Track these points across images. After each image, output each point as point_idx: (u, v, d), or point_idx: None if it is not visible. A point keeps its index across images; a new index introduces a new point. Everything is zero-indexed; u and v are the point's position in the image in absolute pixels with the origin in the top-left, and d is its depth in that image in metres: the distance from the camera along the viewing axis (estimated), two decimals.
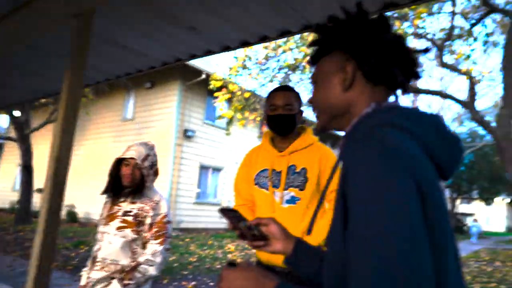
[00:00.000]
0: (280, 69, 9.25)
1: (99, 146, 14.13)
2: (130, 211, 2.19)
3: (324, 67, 0.85)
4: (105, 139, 14.08)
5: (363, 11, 0.82)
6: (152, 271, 2.13)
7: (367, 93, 0.80)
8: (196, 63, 11.61)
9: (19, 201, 12.80)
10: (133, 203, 2.22)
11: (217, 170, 13.79)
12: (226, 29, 2.46)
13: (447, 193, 26.51)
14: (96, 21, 2.14)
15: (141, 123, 13.06)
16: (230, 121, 10.36)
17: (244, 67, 9.07)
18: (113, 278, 2.12)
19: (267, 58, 9.03)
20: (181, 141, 12.27)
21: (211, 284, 6.41)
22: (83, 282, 2.25)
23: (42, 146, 15.31)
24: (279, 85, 2.12)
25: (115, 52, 2.92)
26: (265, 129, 2.15)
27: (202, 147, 13.08)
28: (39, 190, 14.92)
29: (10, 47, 2.71)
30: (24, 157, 12.34)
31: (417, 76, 0.81)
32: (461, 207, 32.69)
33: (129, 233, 2.15)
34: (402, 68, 0.79)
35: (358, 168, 0.63)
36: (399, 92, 0.82)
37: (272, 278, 0.74)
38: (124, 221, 2.17)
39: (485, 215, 31.22)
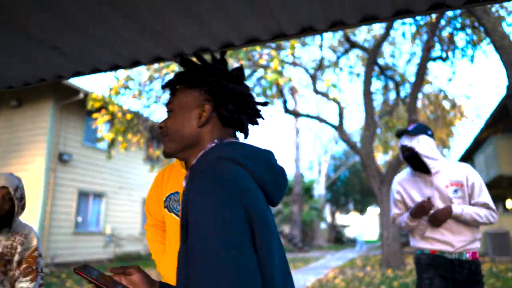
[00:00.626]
0: (164, 90, 9.14)
1: None
2: None
3: (184, 99, 0.92)
4: None
5: (225, 59, 0.95)
6: None
7: (217, 131, 0.92)
8: (72, 81, 10.78)
9: None
10: None
11: (98, 196, 12.82)
12: (96, 52, 2.37)
13: (327, 207, 29.02)
14: None
15: (6, 146, 11.51)
16: (111, 144, 9.80)
17: (126, 87, 8.74)
18: None
19: (151, 79, 8.87)
20: (55, 166, 11.13)
21: None
22: None
23: None
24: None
25: None
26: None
27: (81, 171, 12.06)
28: None
29: None
30: None
31: (257, 124, 0.97)
32: (340, 218, 36.06)
33: None
34: (248, 116, 0.95)
35: (193, 195, 0.72)
36: (241, 134, 0.97)
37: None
38: None
39: (360, 225, 34.96)
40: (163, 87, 0.98)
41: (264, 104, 0.98)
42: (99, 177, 12.67)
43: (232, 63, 9.03)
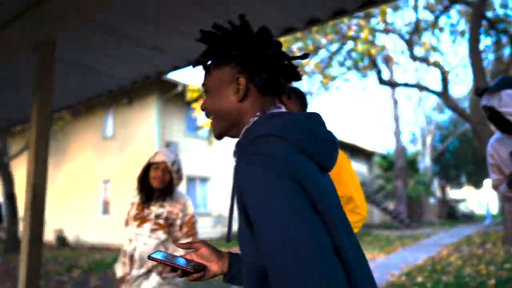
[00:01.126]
0: None
1: (82, 167, 13.98)
2: (161, 214, 2.36)
3: (217, 76, 0.88)
4: (87, 158, 13.95)
5: (247, 24, 0.87)
6: None
7: (258, 102, 0.87)
8: (171, 76, 11.64)
9: (6, 231, 12.56)
10: (162, 206, 2.37)
11: (204, 180, 13.80)
12: (190, 45, 2.53)
13: (436, 181, 26.97)
14: (58, 49, 2.18)
15: (122, 140, 12.99)
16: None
17: None
18: (150, 271, 2.33)
19: None
20: None
21: None
22: (119, 273, 2.47)
23: (23, 173, 15.04)
24: None
25: (82, 75, 2.96)
26: None
27: (186, 158, 13.08)
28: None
29: None
30: (6, 186, 12.13)
31: (298, 78, 0.91)
32: (452, 193, 33.23)
33: (161, 235, 2.34)
34: (286, 76, 0.89)
35: (247, 184, 0.72)
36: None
37: None
38: (156, 223, 2.35)
39: (476, 199, 31.77)
40: (194, 66, 0.93)
41: (303, 57, 0.90)
42: (203, 162, 13.60)
43: (320, 39, 8.81)
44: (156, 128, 12.16)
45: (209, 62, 0.92)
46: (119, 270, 2.51)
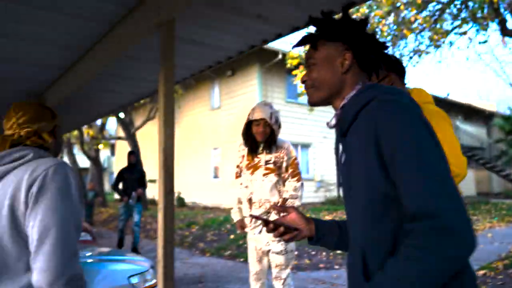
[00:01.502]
0: None
1: (191, 137, 15.25)
2: (269, 160, 2.74)
3: (327, 51, 1.04)
4: (198, 128, 15.15)
5: (347, 10, 1.06)
6: (297, 202, 2.74)
7: (357, 76, 1.04)
8: (271, 44, 11.79)
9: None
10: (269, 153, 2.75)
11: (305, 146, 13.98)
12: (293, 11, 2.61)
13: None
14: (178, 27, 2.45)
15: (228, 110, 13.75)
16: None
17: None
18: (269, 213, 2.70)
19: None
20: None
21: (312, 252, 6.71)
22: (236, 218, 2.91)
23: (146, 142, 17.01)
24: None
25: (196, 50, 3.26)
26: None
27: (288, 125, 13.35)
28: (151, 181, 16.65)
29: (111, 59, 3.20)
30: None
31: (386, 59, 1.09)
32: None
33: (273, 177, 2.71)
34: (380, 57, 1.05)
35: (393, 124, 0.87)
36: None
37: None
38: (267, 168, 2.71)
39: None
40: (301, 43, 1.10)
41: (386, 47, 1.07)
42: (303, 129, 13.74)
43: None
44: (258, 97, 12.59)
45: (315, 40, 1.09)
46: (235, 215, 2.91)
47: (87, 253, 3.22)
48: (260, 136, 2.70)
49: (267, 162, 2.73)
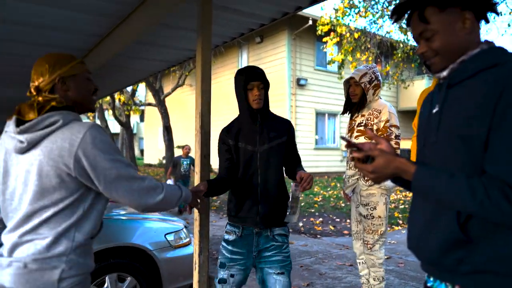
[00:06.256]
0: (390, 2, 8.64)
1: (220, 103, 15.38)
2: (361, 122, 2.74)
3: (444, 18, 1.04)
4: (224, 96, 15.24)
5: None
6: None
7: (477, 33, 1.06)
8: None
9: (165, 157, 14.95)
10: (362, 115, 2.76)
11: (332, 115, 13.87)
12: None
13: None
14: None
15: None
16: (341, 65, 10.22)
17: (352, 5, 8.73)
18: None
19: None
20: (294, 90, 12.61)
21: (337, 220, 6.84)
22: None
23: (175, 108, 17.29)
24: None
25: (229, 17, 3.29)
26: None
27: (315, 93, 13.22)
28: (180, 147, 17.09)
29: (147, 27, 3.27)
30: (164, 119, 14.23)
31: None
32: None
33: (363, 140, 2.66)
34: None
35: None
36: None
37: (411, 163, 1.01)
38: (358, 131, 2.75)
39: None
40: (400, 17, 1.10)
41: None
42: (331, 97, 13.59)
43: None
44: (287, 64, 12.48)
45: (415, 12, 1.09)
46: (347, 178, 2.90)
47: (124, 211, 3.46)
48: (353, 97, 2.77)
49: (359, 125, 2.73)
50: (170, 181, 7.78)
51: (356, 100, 2.73)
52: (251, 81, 1.98)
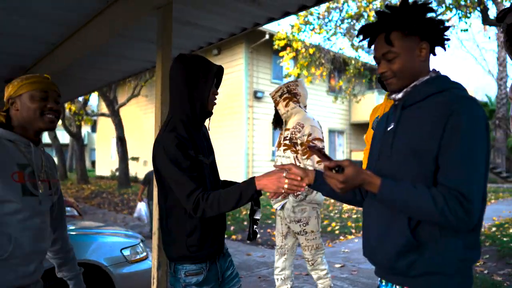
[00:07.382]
0: (343, 20, 9.07)
1: None
2: (287, 136, 2.78)
3: (406, 43, 1.15)
4: None
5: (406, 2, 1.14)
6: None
7: (428, 62, 1.20)
8: None
9: (118, 169, 14.47)
10: (287, 129, 2.81)
11: None
12: None
13: None
14: (174, 9, 2.52)
15: None
16: (297, 79, 10.50)
17: (306, 22, 9.06)
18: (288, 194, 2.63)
19: (328, 10, 8.90)
20: (252, 103, 12.75)
21: None
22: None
23: (129, 119, 16.83)
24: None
25: (189, 31, 3.33)
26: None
27: (272, 106, 13.40)
28: (133, 159, 16.62)
29: (106, 38, 3.22)
30: (117, 130, 13.81)
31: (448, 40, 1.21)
32: None
33: (290, 154, 2.72)
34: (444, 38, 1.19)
35: (465, 117, 1.04)
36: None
37: (376, 176, 1.10)
38: (285, 144, 2.78)
39: None
40: (365, 37, 1.20)
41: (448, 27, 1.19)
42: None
43: None
44: (244, 76, 12.61)
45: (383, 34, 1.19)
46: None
47: (78, 226, 3.33)
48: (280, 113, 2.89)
49: (285, 139, 2.79)
50: (142, 204, 6.31)
51: (282, 116, 2.85)
52: (219, 80, 1.71)
